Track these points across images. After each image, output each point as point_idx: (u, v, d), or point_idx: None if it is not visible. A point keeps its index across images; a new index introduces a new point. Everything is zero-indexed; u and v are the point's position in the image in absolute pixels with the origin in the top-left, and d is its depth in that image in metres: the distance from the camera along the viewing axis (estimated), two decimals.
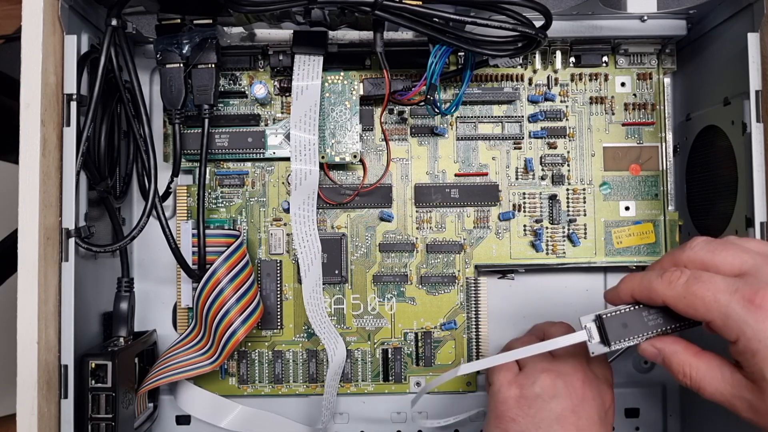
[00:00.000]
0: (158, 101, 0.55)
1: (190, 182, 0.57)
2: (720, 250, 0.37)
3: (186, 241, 0.52)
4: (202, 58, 0.50)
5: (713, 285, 0.35)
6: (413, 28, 0.45)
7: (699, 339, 0.41)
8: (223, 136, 0.54)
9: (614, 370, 0.58)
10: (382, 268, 0.56)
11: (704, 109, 0.53)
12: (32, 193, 0.40)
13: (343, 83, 0.53)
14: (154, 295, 0.57)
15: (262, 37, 0.52)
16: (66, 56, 0.44)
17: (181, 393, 0.55)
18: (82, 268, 0.46)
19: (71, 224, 0.43)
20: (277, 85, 0.56)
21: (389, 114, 0.57)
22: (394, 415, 0.58)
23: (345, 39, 0.52)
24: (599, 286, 0.59)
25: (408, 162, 0.57)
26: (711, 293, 0.35)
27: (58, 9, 0.42)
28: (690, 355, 0.38)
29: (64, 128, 0.43)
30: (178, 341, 0.53)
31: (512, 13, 0.44)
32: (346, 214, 0.56)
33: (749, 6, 0.46)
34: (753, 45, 0.45)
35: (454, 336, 0.56)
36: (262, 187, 0.56)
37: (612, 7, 0.50)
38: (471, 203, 0.56)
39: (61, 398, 0.43)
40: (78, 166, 0.44)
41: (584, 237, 0.56)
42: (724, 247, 0.37)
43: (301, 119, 0.51)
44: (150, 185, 0.47)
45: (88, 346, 0.48)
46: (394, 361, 0.56)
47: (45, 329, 0.41)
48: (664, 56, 0.56)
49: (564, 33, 0.52)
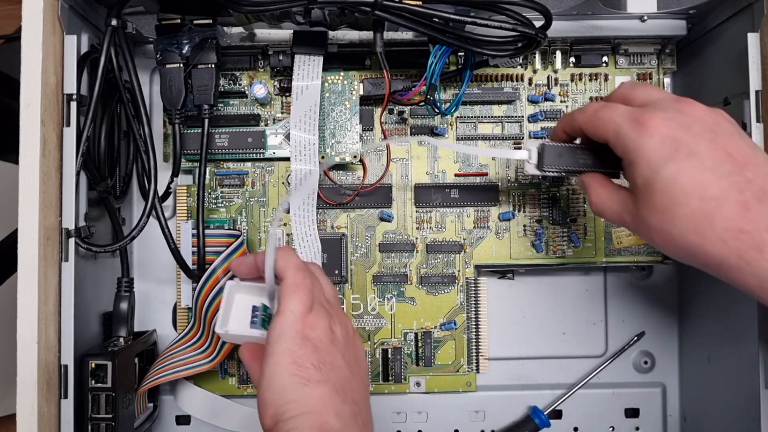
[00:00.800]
0: (158, 101, 0.55)
1: (190, 182, 0.57)
2: (637, 87, 0.42)
3: (186, 241, 0.52)
4: (202, 58, 0.50)
5: (615, 110, 0.40)
6: (413, 28, 0.45)
7: None
8: (223, 136, 0.54)
9: (615, 371, 0.58)
10: (382, 268, 0.56)
11: None
12: (32, 193, 0.40)
13: (343, 83, 0.53)
14: (154, 295, 0.57)
15: (262, 37, 0.52)
16: (66, 56, 0.44)
17: (181, 393, 0.55)
18: (82, 268, 0.46)
19: (71, 224, 0.43)
20: (277, 85, 0.56)
21: (389, 114, 0.57)
22: (394, 415, 0.58)
23: (345, 39, 0.52)
24: (599, 286, 0.59)
25: (408, 162, 0.57)
26: (610, 116, 0.40)
27: (58, 9, 0.42)
28: (598, 185, 0.43)
29: (64, 128, 0.43)
30: (177, 340, 0.53)
31: (512, 13, 0.44)
32: (346, 214, 0.56)
33: (749, 6, 0.46)
34: (753, 45, 0.46)
35: (454, 336, 0.56)
36: (262, 187, 0.56)
37: (612, 7, 0.50)
38: (471, 203, 0.56)
39: (61, 398, 0.43)
40: (78, 166, 0.44)
41: (584, 237, 0.56)
42: (642, 86, 0.42)
43: (301, 119, 0.51)
44: (150, 185, 0.47)
45: (88, 346, 0.48)
46: (394, 361, 0.56)
47: (45, 329, 0.41)
48: (664, 56, 0.56)
49: (564, 33, 0.52)
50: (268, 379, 0.38)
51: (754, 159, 0.37)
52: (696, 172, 0.37)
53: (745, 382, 0.47)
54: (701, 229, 0.37)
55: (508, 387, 0.59)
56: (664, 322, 0.59)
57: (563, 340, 0.59)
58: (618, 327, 0.59)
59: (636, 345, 0.58)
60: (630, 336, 0.58)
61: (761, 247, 0.35)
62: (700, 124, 0.38)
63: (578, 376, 0.58)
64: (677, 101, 0.40)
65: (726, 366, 0.51)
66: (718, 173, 0.37)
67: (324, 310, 0.41)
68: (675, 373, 0.59)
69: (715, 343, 0.53)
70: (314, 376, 0.38)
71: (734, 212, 0.36)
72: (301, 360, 0.38)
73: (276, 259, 0.41)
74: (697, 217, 0.37)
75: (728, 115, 0.40)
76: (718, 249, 0.36)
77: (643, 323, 0.59)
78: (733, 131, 0.39)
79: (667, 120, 0.38)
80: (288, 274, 0.41)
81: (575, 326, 0.59)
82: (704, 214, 0.36)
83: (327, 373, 0.39)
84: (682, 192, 0.37)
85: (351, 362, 0.41)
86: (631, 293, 0.59)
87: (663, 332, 0.59)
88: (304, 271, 0.41)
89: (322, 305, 0.42)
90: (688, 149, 0.37)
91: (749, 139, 0.40)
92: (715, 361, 0.53)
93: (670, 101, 0.40)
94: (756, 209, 0.36)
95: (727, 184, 0.36)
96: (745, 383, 0.47)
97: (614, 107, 0.41)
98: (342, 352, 0.41)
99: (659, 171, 0.38)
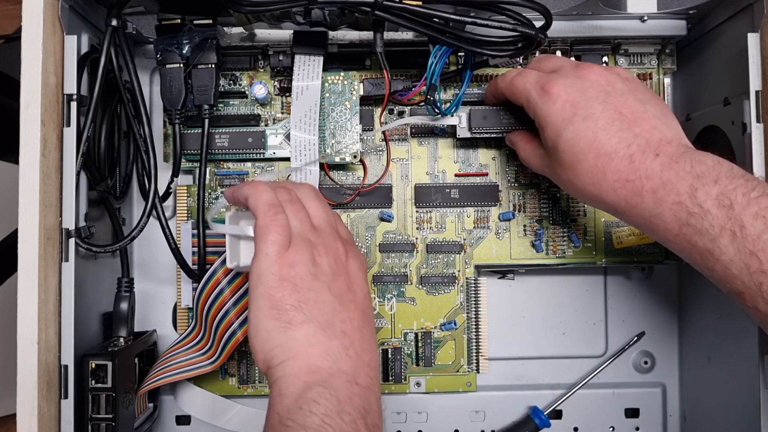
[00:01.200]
0: (158, 101, 0.55)
1: (190, 182, 0.57)
2: (546, 57, 0.49)
3: (186, 241, 0.52)
4: (202, 59, 0.50)
5: (527, 77, 0.46)
6: (413, 28, 0.45)
7: None
8: (223, 136, 0.54)
9: (615, 371, 0.58)
10: (382, 268, 0.56)
11: (704, 110, 0.53)
12: (32, 193, 0.40)
13: (343, 83, 0.53)
14: (154, 295, 0.57)
15: (262, 37, 0.52)
16: (66, 56, 0.44)
17: (181, 393, 0.55)
18: (82, 268, 0.46)
19: (71, 224, 0.43)
20: (277, 86, 0.56)
21: (389, 114, 0.57)
22: (394, 415, 0.58)
23: (345, 39, 0.52)
24: (599, 286, 0.59)
25: (408, 162, 0.57)
26: (522, 83, 0.46)
27: (58, 9, 0.42)
28: (524, 142, 0.50)
29: (64, 128, 0.43)
30: (178, 341, 0.53)
31: (512, 14, 0.44)
32: (346, 214, 0.56)
33: (749, 6, 0.46)
34: (753, 45, 0.46)
35: (454, 336, 0.56)
36: None
37: (612, 8, 0.50)
38: (471, 203, 0.56)
39: (61, 398, 0.43)
40: (78, 166, 0.44)
41: (584, 237, 0.56)
42: (550, 57, 0.49)
43: (302, 119, 0.51)
44: (150, 185, 0.47)
45: (88, 346, 0.48)
46: (394, 361, 0.56)
47: (45, 329, 0.41)
48: (664, 56, 0.56)
49: (564, 33, 0.52)
50: (254, 325, 0.39)
51: (642, 114, 0.42)
52: (591, 132, 0.42)
53: (745, 382, 0.47)
54: (598, 182, 0.42)
55: (508, 387, 0.59)
56: (664, 322, 0.59)
57: (563, 340, 0.59)
58: (618, 327, 0.59)
59: (636, 345, 0.58)
60: (630, 336, 0.59)
61: (641, 193, 0.40)
62: (595, 87, 0.43)
63: (578, 376, 0.58)
64: (576, 67, 0.45)
65: (726, 366, 0.51)
66: (609, 131, 0.41)
67: (304, 244, 0.40)
68: (675, 373, 0.59)
69: (715, 343, 0.53)
70: (295, 318, 0.38)
71: (622, 165, 0.41)
72: (279, 303, 0.38)
73: (246, 196, 0.41)
74: (594, 171, 0.42)
75: (625, 72, 0.45)
76: (611, 197, 0.42)
77: (643, 323, 0.59)
78: (626, 90, 0.43)
79: (567, 86, 0.43)
80: (258, 214, 0.41)
81: (575, 326, 0.59)
82: (599, 169, 0.41)
83: (309, 312, 0.39)
84: (581, 151, 0.42)
85: (341, 292, 0.41)
86: (631, 293, 0.59)
87: (663, 332, 0.59)
88: (275, 207, 0.41)
89: (302, 238, 0.41)
90: (584, 112, 0.42)
91: (644, 93, 0.44)
92: (715, 361, 0.53)
93: (570, 67, 0.45)
94: (639, 160, 0.40)
95: (617, 141, 0.41)
96: (745, 383, 0.47)
97: (526, 74, 0.46)
98: (328, 285, 0.40)
99: (561, 133, 0.43)
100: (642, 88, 0.45)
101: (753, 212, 0.36)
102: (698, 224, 0.38)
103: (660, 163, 0.40)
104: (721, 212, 0.37)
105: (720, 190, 0.38)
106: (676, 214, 0.39)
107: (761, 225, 0.36)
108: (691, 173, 0.39)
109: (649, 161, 0.40)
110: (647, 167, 0.40)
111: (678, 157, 0.40)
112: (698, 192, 0.38)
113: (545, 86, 0.44)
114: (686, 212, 0.39)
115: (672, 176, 0.39)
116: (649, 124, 0.41)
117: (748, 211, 0.37)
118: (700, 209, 0.38)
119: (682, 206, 0.39)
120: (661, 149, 0.40)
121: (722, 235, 0.37)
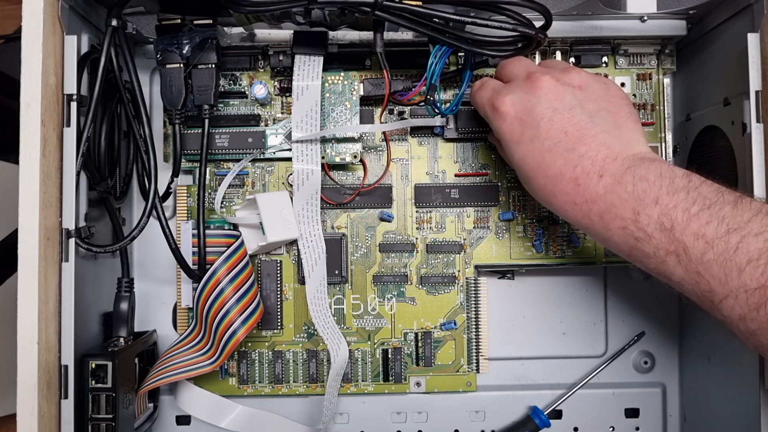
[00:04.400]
0: (158, 101, 0.55)
1: (190, 182, 0.57)
2: (506, 65, 0.48)
3: (186, 241, 0.52)
4: (203, 59, 0.50)
5: (484, 92, 0.46)
6: (413, 28, 0.45)
7: None
8: (223, 136, 0.54)
9: (615, 371, 0.58)
10: (382, 268, 0.56)
11: (704, 110, 0.53)
12: (32, 194, 0.40)
13: (343, 83, 0.53)
14: (154, 295, 0.57)
15: (262, 37, 0.52)
16: (66, 56, 0.43)
17: (181, 393, 0.55)
18: (82, 268, 0.46)
19: (71, 224, 0.43)
20: (277, 86, 0.56)
21: (389, 114, 0.57)
22: (394, 415, 0.58)
23: (345, 39, 0.52)
24: (599, 286, 0.59)
25: (408, 162, 0.57)
26: (480, 97, 0.47)
27: (58, 9, 0.42)
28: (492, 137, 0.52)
29: (64, 128, 0.43)
30: (178, 341, 0.53)
31: (512, 14, 0.44)
32: (347, 214, 0.56)
33: (749, 6, 0.46)
34: (753, 45, 0.46)
35: (454, 336, 0.56)
36: (262, 187, 0.56)
37: (612, 8, 0.50)
38: (471, 203, 0.56)
39: (61, 398, 0.43)
40: (78, 166, 0.44)
41: (584, 237, 0.56)
42: (508, 64, 0.47)
43: (303, 120, 0.51)
44: (150, 185, 0.47)
45: (88, 346, 0.48)
46: (394, 361, 0.56)
47: (45, 329, 0.41)
48: (663, 56, 0.56)
49: (564, 33, 0.52)
50: None
51: (589, 130, 0.41)
52: (537, 154, 0.42)
53: (745, 382, 0.47)
54: (550, 200, 0.43)
55: (508, 387, 0.59)
56: (664, 322, 0.59)
57: (563, 340, 0.59)
58: (618, 327, 0.59)
59: (636, 345, 0.59)
60: (630, 336, 0.59)
61: (590, 216, 0.41)
62: (542, 103, 0.42)
63: (578, 376, 0.58)
64: (527, 79, 0.44)
65: (726, 366, 0.51)
66: (555, 153, 0.41)
67: None
68: (675, 373, 0.59)
69: (715, 343, 0.53)
70: None
71: (569, 188, 0.41)
72: None
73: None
74: (544, 190, 0.43)
75: (579, 77, 0.44)
76: (567, 215, 0.43)
77: (643, 323, 0.59)
78: (574, 103, 0.43)
79: (515, 103, 0.43)
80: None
81: (575, 326, 0.59)
82: (549, 189, 0.42)
83: None
84: (530, 170, 0.43)
85: None
86: (631, 293, 0.59)
87: (663, 332, 0.59)
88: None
89: None
90: (531, 132, 0.42)
91: (594, 102, 0.43)
92: (715, 361, 0.53)
93: (522, 79, 0.44)
94: (584, 183, 0.41)
95: (563, 163, 0.41)
96: (745, 383, 0.47)
97: (484, 89, 0.47)
98: None
99: (513, 153, 0.44)
100: (594, 95, 0.44)
101: (693, 232, 0.37)
102: (645, 248, 0.39)
103: (603, 186, 0.40)
104: (663, 236, 0.38)
105: (660, 211, 0.38)
106: (624, 238, 0.40)
107: (702, 245, 0.36)
108: (632, 195, 0.39)
109: (593, 184, 0.40)
110: (591, 191, 0.40)
111: (621, 177, 0.40)
112: (640, 216, 0.38)
113: (495, 103, 0.44)
114: (633, 237, 0.39)
115: (615, 200, 0.39)
116: (596, 141, 0.41)
117: (688, 230, 0.37)
118: (644, 234, 0.39)
119: (627, 231, 0.39)
120: (605, 169, 0.40)
121: (668, 258, 0.38)
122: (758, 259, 0.34)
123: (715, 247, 0.36)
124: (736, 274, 0.35)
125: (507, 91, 0.44)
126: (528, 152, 0.43)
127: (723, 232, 0.36)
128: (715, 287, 0.36)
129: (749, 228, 0.35)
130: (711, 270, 0.36)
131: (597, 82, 0.44)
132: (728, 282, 0.35)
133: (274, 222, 0.52)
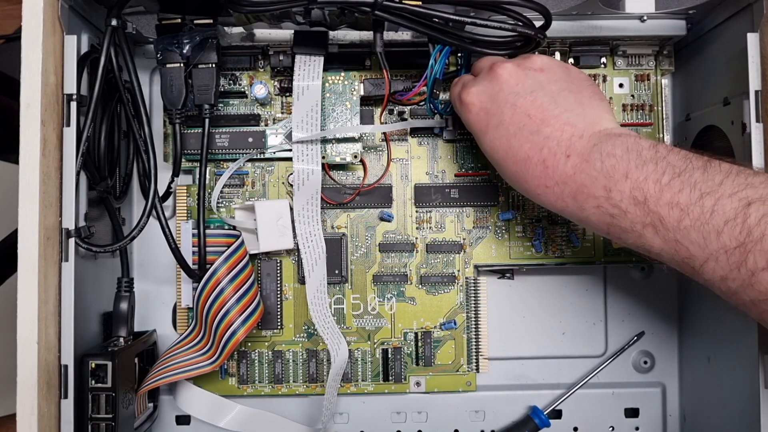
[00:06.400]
0: (158, 101, 0.55)
1: (190, 182, 0.57)
2: (479, 61, 0.48)
3: (186, 241, 0.52)
4: (203, 58, 0.50)
5: (455, 88, 0.47)
6: (413, 28, 0.45)
7: None
8: (223, 136, 0.54)
9: (615, 371, 0.58)
10: (382, 268, 0.56)
11: (704, 110, 0.53)
12: (32, 193, 0.40)
13: (343, 83, 0.53)
14: (154, 295, 0.57)
15: (262, 37, 0.52)
16: (66, 56, 0.43)
17: (180, 393, 0.55)
18: (82, 268, 0.46)
19: (71, 224, 0.43)
20: (277, 85, 0.56)
21: (389, 114, 0.57)
22: (394, 415, 0.58)
23: (345, 39, 0.52)
24: (599, 286, 0.59)
25: (408, 162, 0.57)
26: (452, 94, 0.48)
27: (58, 9, 0.42)
28: None
29: (64, 128, 0.43)
30: (178, 341, 0.53)
31: (512, 14, 0.44)
32: (346, 214, 0.56)
33: (749, 6, 0.46)
34: (753, 45, 0.46)
35: (454, 336, 0.56)
36: (262, 187, 0.56)
37: (611, 8, 0.50)
38: (470, 203, 0.56)
39: (61, 398, 0.43)
40: (78, 166, 0.44)
41: (583, 237, 0.56)
42: (481, 60, 0.48)
43: (303, 120, 0.51)
44: (150, 185, 0.47)
45: (88, 346, 0.48)
46: (394, 361, 0.56)
47: (45, 329, 0.41)
48: (661, 57, 0.56)
49: (563, 33, 0.52)
50: None
51: (552, 111, 0.41)
52: (504, 140, 0.42)
53: (745, 382, 0.47)
54: (522, 186, 0.43)
55: (508, 387, 0.59)
56: (664, 322, 0.59)
57: (563, 340, 0.59)
58: (618, 327, 0.59)
59: (636, 345, 0.59)
60: (630, 336, 0.59)
61: (563, 198, 0.41)
62: (504, 90, 0.43)
63: (578, 376, 0.58)
64: (490, 70, 0.44)
65: (726, 366, 0.51)
66: (521, 137, 0.42)
67: None
68: (675, 373, 0.59)
69: (715, 343, 0.53)
70: None
71: (538, 171, 0.41)
72: None
73: None
74: (516, 177, 0.43)
75: (540, 60, 0.44)
76: (541, 200, 0.42)
77: (643, 323, 0.59)
78: (535, 86, 0.43)
79: (479, 93, 0.44)
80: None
81: (575, 326, 0.59)
82: (520, 175, 0.42)
83: None
84: (500, 158, 0.43)
85: None
86: (631, 293, 0.59)
87: (663, 332, 0.59)
88: None
89: None
90: (496, 119, 0.43)
91: (556, 83, 0.43)
92: (715, 361, 0.53)
93: (486, 71, 0.45)
94: (552, 165, 0.40)
95: (529, 147, 0.41)
96: (745, 383, 0.47)
97: (456, 85, 0.48)
98: None
99: (482, 142, 0.45)
100: (555, 76, 0.44)
101: (667, 201, 0.36)
102: (622, 224, 0.39)
103: (572, 166, 0.40)
104: (638, 209, 0.37)
105: (632, 186, 0.38)
106: (600, 216, 0.40)
107: (677, 213, 0.36)
108: (602, 172, 0.39)
109: (561, 165, 0.40)
110: (561, 172, 0.40)
111: (588, 155, 0.39)
112: (612, 193, 0.38)
113: (461, 96, 0.45)
114: (608, 214, 0.39)
115: (585, 179, 0.39)
116: (559, 121, 0.41)
117: (662, 201, 0.37)
118: (618, 210, 0.38)
119: (602, 209, 0.39)
120: (571, 148, 0.40)
121: (645, 231, 0.38)
122: (735, 219, 0.34)
123: (690, 213, 0.36)
124: (714, 237, 0.35)
125: (472, 84, 0.45)
126: (495, 140, 0.43)
127: (696, 198, 0.36)
128: (695, 252, 0.36)
129: (722, 190, 0.35)
130: (689, 236, 0.36)
131: (558, 65, 0.45)
132: (707, 245, 0.35)
133: (269, 231, 0.53)
